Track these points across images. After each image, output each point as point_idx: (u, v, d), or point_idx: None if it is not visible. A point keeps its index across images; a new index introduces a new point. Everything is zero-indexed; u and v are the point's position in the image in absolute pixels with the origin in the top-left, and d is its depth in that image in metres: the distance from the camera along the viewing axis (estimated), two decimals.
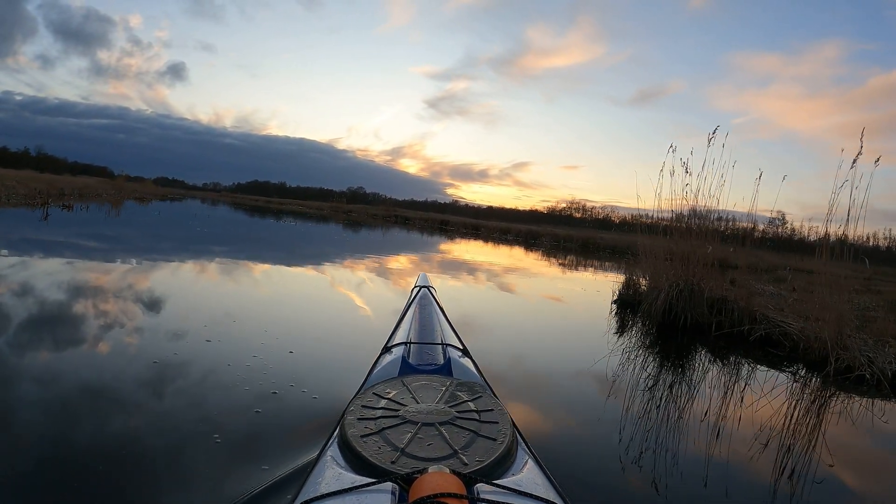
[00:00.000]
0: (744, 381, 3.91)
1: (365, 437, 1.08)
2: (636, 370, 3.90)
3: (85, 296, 4.00)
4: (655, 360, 4.40)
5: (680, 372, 4.04)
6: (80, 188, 22.15)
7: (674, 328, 5.43)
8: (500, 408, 1.24)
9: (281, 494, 1.61)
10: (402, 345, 1.73)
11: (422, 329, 1.95)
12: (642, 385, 3.49)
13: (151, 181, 60.36)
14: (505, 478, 0.97)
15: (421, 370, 1.57)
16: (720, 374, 4.13)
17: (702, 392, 3.49)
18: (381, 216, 41.12)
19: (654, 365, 4.17)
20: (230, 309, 4.18)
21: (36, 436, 1.86)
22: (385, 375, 1.51)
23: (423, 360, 1.70)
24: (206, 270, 6.13)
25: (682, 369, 4.15)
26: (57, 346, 2.85)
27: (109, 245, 7.60)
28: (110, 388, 2.34)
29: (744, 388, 3.71)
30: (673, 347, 4.98)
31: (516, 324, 5.33)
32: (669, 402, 3.23)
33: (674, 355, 4.68)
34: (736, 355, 4.85)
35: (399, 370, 1.54)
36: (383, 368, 1.57)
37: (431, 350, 1.77)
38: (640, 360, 4.33)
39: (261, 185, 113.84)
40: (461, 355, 1.70)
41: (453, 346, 1.75)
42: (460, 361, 1.63)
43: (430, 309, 2.19)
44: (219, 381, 2.55)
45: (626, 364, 4.02)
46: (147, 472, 1.71)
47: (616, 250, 24.49)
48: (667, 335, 5.30)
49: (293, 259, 8.50)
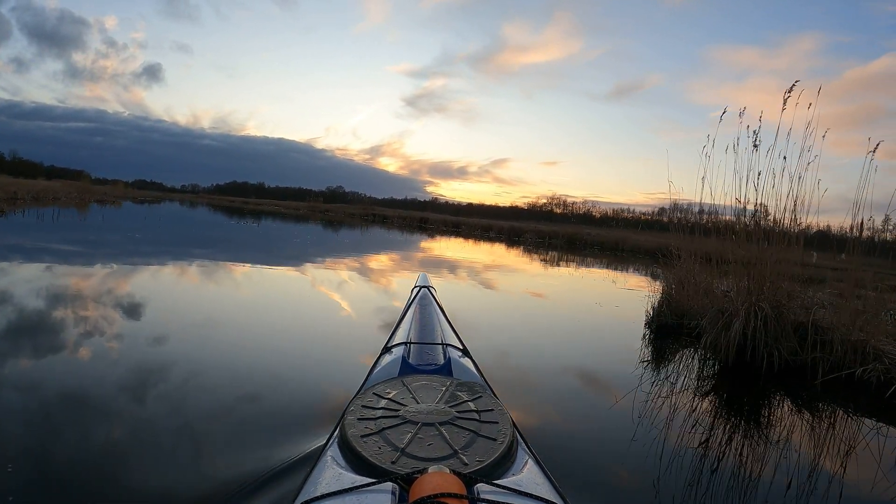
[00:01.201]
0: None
1: (365, 437, 1.06)
2: (687, 435, 2.36)
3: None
4: (719, 418, 2.76)
5: (774, 445, 2.34)
6: (39, 191, 20.57)
7: (751, 370, 3.69)
8: (500, 408, 1.22)
9: (281, 494, 1.56)
10: (402, 345, 1.70)
11: (422, 329, 1.91)
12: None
13: (124, 184, 57.54)
14: (505, 478, 0.95)
15: (421, 370, 1.55)
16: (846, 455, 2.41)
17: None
18: (359, 215, 39.43)
19: (722, 428, 2.47)
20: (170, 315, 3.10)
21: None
22: (385, 375, 1.49)
23: (424, 360, 1.67)
24: (88, 283, 4.25)
25: (776, 438, 2.44)
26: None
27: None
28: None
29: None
30: (751, 401, 3.29)
31: (525, 339, 4.23)
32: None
33: (754, 413, 3.00)
34: (856, 412, 3.17)
35: (399, 370, 1.52)
36: (383, 368, 1.56)
37: (431, 350, 1.74)
38: (693, 416, 2.72)
39: (239, 185, 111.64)
40: (461, 355, 1.68)
41: (453, 346, 1.72)
42: (460, 361, 1.61)
43: (431, 309, 2.12)
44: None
45: (671, 421, 2.63)
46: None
47: (604, 247, 23.27)
48: (740, 380, 3.58)
49: (212, 272, 6.61)
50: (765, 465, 2.25)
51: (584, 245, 23.96)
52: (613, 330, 5.32)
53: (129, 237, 9.61)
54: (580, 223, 41.79)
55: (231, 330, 3.64)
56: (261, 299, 4.90)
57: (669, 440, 2.38)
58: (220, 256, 7.87)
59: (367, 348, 3.07)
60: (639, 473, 2.04)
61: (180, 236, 11.44)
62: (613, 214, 58.44)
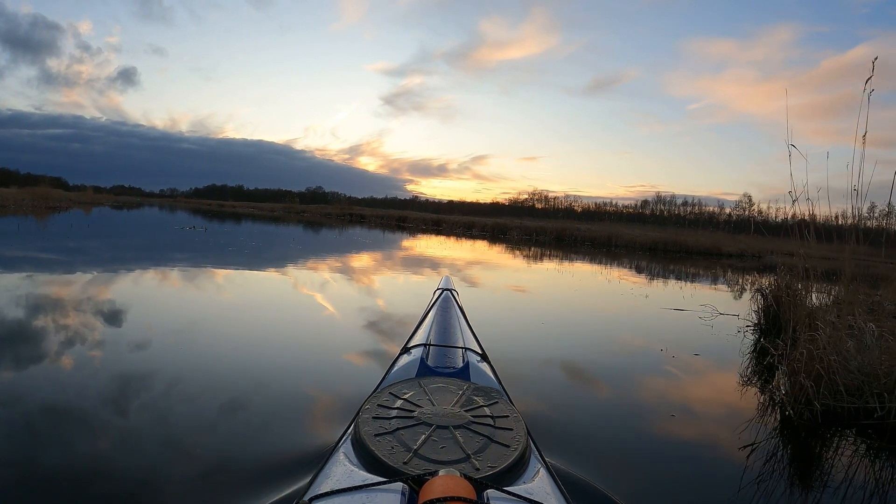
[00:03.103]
0: None
1: (379, 437, 1.05)
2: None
3: None
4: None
5: None
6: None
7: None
8: (515, 415, 1.19)
9: (293, 488, 1.45)
10: (422, 346, 1.67)
11: (442, 332, 1.86)
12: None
13: (93, 189, 53.72)
14: (516, 485, 0.93)
15: (439, 372, 1.52)
16: None
17: None
18: (336, 215, 36.94)
19: None
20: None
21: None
22: (403, 376, 1.48)
23: (442, 362, 1.63)
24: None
25: None
26: None
27: None
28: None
29: None
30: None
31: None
32: None
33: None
34: None
35: (417, 371, 1.50)
36: (401, 368, 1.54)
37: (450, 353, 1.70)
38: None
39: (217, 189, 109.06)
40: (480, 360, 1.65)
41: (473, 350, 1.69)
42: (479, 366, 1.59)
43: (452, 312, 2.06)
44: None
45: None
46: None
47: (596, 243, 21.20)
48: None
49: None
50: None
51: (574, 241, 21.85)
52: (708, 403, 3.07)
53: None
54: (564, 218, 39.77)
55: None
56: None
57: None
58: (99, 271, 5.45)
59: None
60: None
61: (80, 246, 8.91)
62: (596, 208, 56.70)
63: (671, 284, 9.12)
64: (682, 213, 48.26)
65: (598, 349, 3.96)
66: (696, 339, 4.46)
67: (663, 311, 5.74)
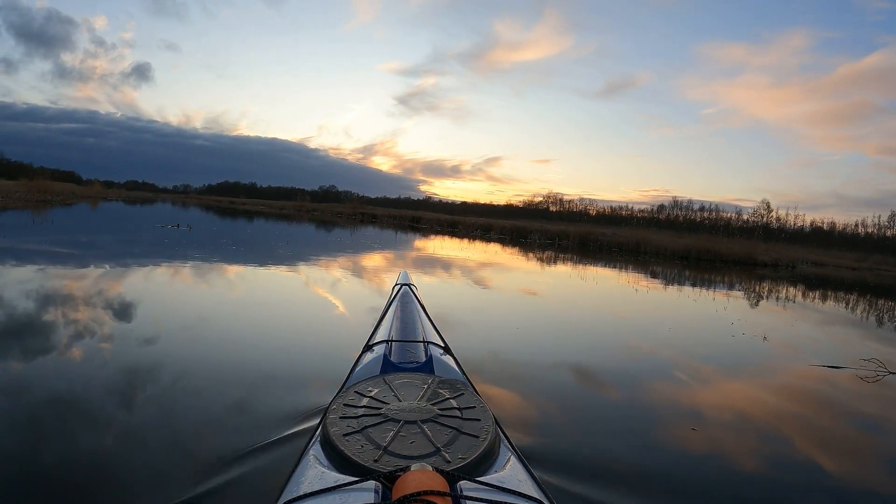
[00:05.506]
0: None
1: (347, 436, 1.01)
2: None
3: None
4: None
5: None
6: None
7: None
8: (482, 405, 1.16)
9: (263, 494, 1.44)
10: (384, 343, 1.62)
11: (403, 327, 1.82)
12: None
13: (100, 184, 52.61)
14: (488, 475, 0.91)
15: (402, 368, 1.45)
16: None
17: None
18: (347, 214, 35.28)
19: None
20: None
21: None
22: (367, 374, 1.41)
23: (405, 357, 1.58)
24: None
25: None
26: None
27: None
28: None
29: None
30: None
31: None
32: None
33: None
34: None
35: (381, 368, 1.43)
36: (365, 367, 1.47)
37: (413, 348, 1.64)
38: None
39: (231, 186, 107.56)
40: (443, 353, 1.60)
41: (435, 343, 1.65)
42: (442, 359, 1.53)
43: (412, 307, 2.02)
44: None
45: None
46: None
47: (624, 249, 19.38)
48: None
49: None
50: None
51: (600, 247, 20.02)
52: None
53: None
54: (580, 221, 37.88)
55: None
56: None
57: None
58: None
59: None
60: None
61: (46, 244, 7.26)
62: (612, 212, 54.64)
63: (788, 316, 7.22)
64: (699, 219, 46.00)
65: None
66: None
67: (813, 371, 3.96)
